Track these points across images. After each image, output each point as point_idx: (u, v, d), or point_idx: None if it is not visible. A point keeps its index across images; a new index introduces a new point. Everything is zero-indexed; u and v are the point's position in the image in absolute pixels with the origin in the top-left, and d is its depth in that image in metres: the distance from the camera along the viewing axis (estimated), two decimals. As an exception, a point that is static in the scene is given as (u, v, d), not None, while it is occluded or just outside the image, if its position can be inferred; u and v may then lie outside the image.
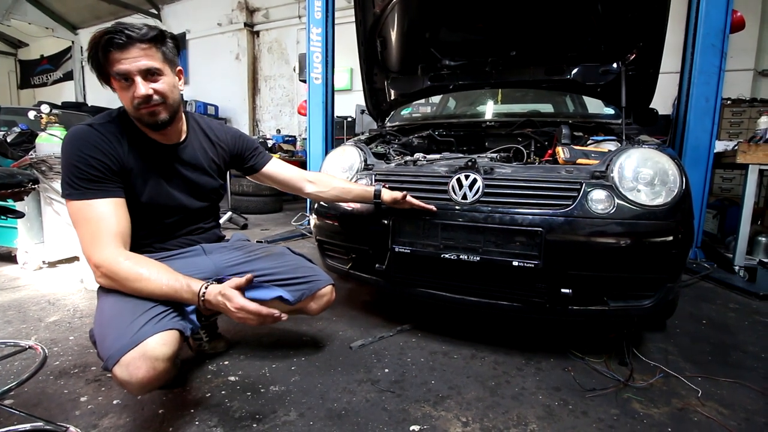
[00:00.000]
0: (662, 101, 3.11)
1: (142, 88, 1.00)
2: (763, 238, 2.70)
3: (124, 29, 0.97)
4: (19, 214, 1.31)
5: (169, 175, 1.17)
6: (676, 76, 2.86)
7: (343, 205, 1.64)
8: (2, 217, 1.26)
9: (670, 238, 1.27)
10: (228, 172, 1.56)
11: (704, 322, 1.85)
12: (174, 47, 1.09)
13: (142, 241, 1.14)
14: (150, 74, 1.01)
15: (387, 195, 1.45)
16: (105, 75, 1.02)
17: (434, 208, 1.42)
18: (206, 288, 0.98)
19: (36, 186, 1.23)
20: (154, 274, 0.98)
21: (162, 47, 1.04)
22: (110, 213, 1.01)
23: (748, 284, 2.31)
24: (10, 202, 1.22)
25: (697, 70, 2.65)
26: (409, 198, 1.42)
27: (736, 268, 2.48)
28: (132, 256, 1.01)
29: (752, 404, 1.23)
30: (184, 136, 1.21)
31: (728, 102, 4.56)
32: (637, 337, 1.62)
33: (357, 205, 1.60)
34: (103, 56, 0.98)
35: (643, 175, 1.34)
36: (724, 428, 1.11)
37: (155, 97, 1.03)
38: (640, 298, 1.35)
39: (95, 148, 1.01)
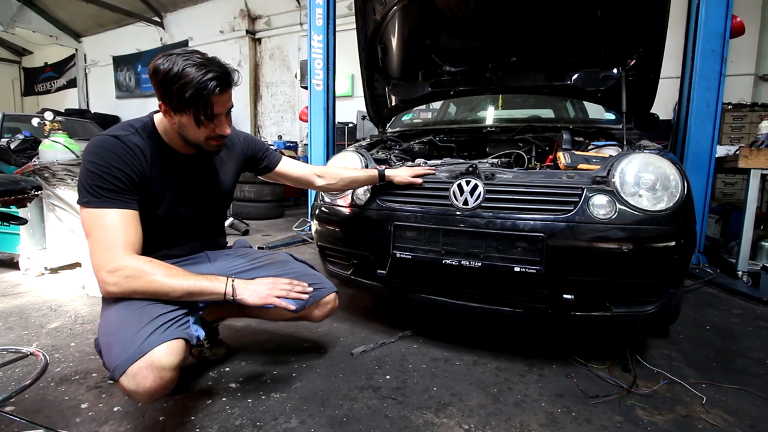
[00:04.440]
0: (663, 106, 3.12)
1: (228, 128, 1.11)
2: (767, 243, 2.68)
3: (228, 74, 1.02)
4: (22, 221, 1.32)
5: (189, 183, 1.19)
6: (677, 81, 2.87)
7: (345, 210, 1.65)
8: (5, 223, 1.27)
9: (673, 243, 1.27)
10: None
11: (708, 327, 1.84)
12: None
13: (152, 245, 1.14)
14: (228, 113, 1.10)
15: (390, 174, 1.57)
16: (188, 107, 1.01)
17: (433, 171, 1.58)
18: (233, 279, 1.08)
19: (39, 192, 1.24)
20: (177, 269, 1.05)
21: None
22: (126, 224, 1.02)
23: (752, 289, 2.30)
24: (13, 209, 1.22)
25: (698, 75, 2.65)
26: (411, 178, 1.56)
27: (740, 273, 2.46)
28: (149, 258, 1.04)
29: (757, 411, 1.21)
30: None
31: (729, 107, 4.56)
32: (640, 343, 1.61)
33: (358, 211, 1.60)
34: (206, 98, 0.99)
35: (645, 180, 1.34)
36: (730, 436, 1.10)
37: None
38: (642, 303, 1.35)
39: (121, 160, 1.03)
